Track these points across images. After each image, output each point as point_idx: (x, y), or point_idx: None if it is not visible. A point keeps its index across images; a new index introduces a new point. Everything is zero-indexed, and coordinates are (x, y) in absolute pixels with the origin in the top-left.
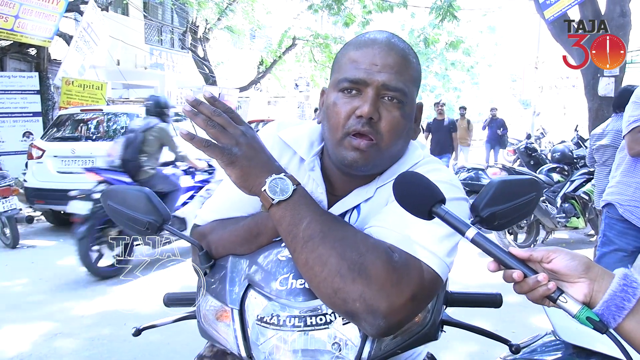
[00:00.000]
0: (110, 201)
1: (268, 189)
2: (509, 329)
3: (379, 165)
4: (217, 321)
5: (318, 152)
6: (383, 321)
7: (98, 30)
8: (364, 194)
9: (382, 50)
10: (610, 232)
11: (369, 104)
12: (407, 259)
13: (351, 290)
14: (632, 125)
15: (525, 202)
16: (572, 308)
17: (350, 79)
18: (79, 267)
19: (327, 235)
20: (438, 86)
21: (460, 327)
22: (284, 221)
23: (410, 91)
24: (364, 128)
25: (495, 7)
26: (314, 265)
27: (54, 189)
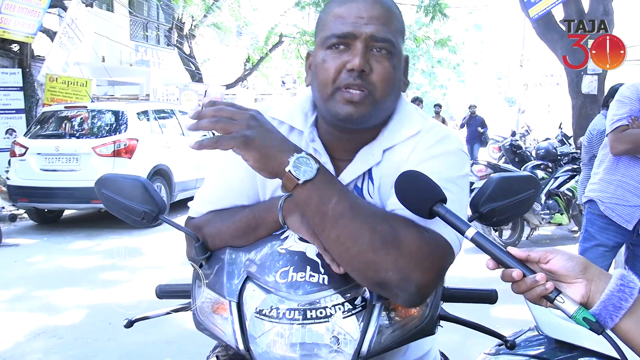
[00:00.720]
0: (105, 189)
1: (293, 169)
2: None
3: (374, 117)
4: (214, 314)
5: (314, 122)
6: (416, 291)
7: (82, 27)
8: (370, 158)
9: (366, 3)
10: (592, 228)
11: (359, 57)
12: (435, 235)
13: (385, 261)
14: (616, 124)
15: (524, 199)
16: (569, 308)
17: (337, 34)
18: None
19: (357, 211)
20: (424, 84)
21: (457, 322)
22: (311, 201)
23: (397, 42)
24: (356, 81)
25: (481, 5)
26: (345, 241)
27: (38, 186)
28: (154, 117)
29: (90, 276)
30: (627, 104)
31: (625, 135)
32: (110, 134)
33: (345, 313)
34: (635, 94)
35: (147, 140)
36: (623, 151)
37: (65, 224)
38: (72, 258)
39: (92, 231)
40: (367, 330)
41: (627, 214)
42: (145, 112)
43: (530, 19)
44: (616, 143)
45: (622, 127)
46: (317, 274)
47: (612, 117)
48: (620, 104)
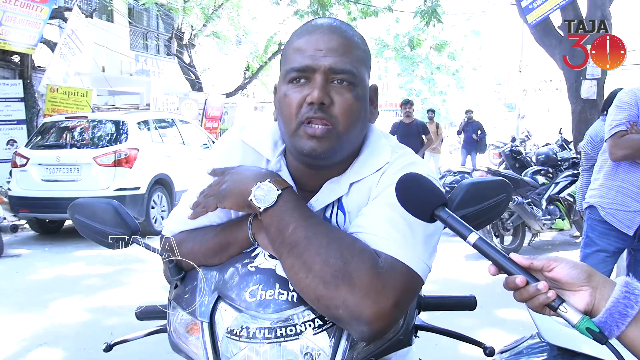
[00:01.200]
0: (77, 215)
1: (254, 198)
2: (492, 330)
3: (339, 151)
4: (188, 334)
5: (282, 151)
6: (367, 327)
7: (82, 37)
8: (336, 190)
9: (324, 35)
10: (593, 234)
11: (318, 89)
12: (393, 263)
13: (334, 297)
14: (614, 130)
15: (496, 203)
16: (573, 318)
17: (296, 68)
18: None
19: (311, 241)
20: (424, 90)
21: (434, 332)
22: (271, 227)
23: (359, 72)
24: (316, 114)
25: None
26: (298, 271)
27: (39, 197)
28: (154, 126)
29: (91, 286)
30: (626, 110)
31: (624, 141)
32: (110, 143)
33: (316, 329)
34: (634, 99)
35: (148, 150)
36: (622, 156)
37: (66, 234)
38: (73, 268)
39: None
40: (338, 345)
41: (627, 220)
42: (145, 121)
43: (529, 24)
44: (615, 148)
45: (621, 133)
46: (286, 291)
47: (610, 122)
48: (619, 110)
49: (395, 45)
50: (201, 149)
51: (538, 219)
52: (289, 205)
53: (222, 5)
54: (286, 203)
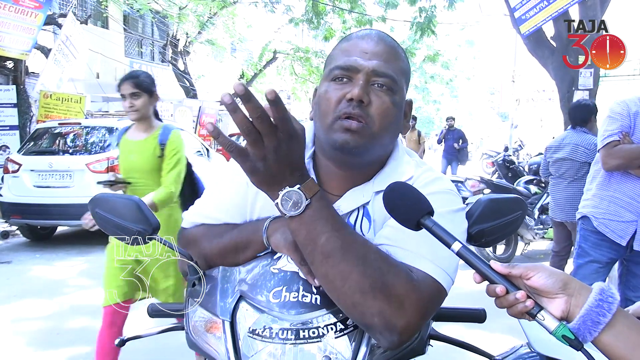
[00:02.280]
0: (98, 209)
1: (280, 203)
2: (489, 340)
3: (370, 150)
4: (207, 333)
5: (311, 154)
6: (398, 337)
7: (77, 43)
8: (360, 197)
9: (372, 40)
10: (586, 244)
11: (359, 87)
12: (424, 278)
13: (371, 306)
14: (607, 140)
15: (512, 220)
16: (550, 324)
17: (340, 66)
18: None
19: (347, 252)
20: (418, 99)
21: (446, 342)
22: (299, 235)
23: (399, 80)
24: (354, 110)
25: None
26: (334, 279)
27: (31, 203)
28: None
29: (83, 293)
30: (618, 120)
31: (617, 151)
32: (103, 150)
33: (337, 333)
34: (626, 109)
35: None
36: (615, 166)
37: (58, 241)
38: (65, 275)
39: (85, 248)
40: (358, 350)
41: (620, 230)
42: None
43: (521, 35)
44: (608, 158)
45: (614, 143)
46: (309, 294)
47: (603, 132)
48: (611, 120)
49: None
50: (195, 156)
51: (530, 228)
52: (319, 215)
53: (217, 13)
54: (316, 212)
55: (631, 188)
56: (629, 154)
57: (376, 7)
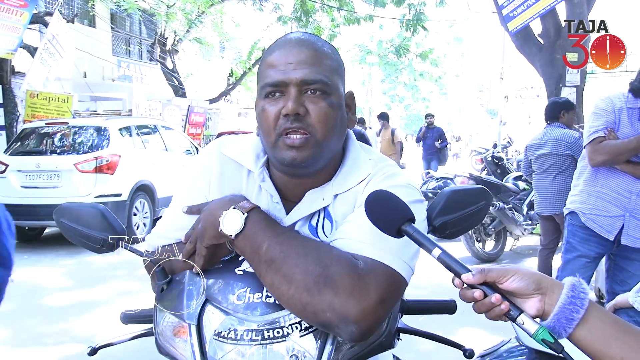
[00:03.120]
0: (63, 218)
1: (223, 227)
2: (473, 334)
3: (319, 159)
4: (175, 337)
5: (264, 163)
6: (355, 327)
7: (63, 42)
8: (319, 200)
9: (293, 48)
10: (574, 239)
11: (292, 101)
12: (372, 264)
13: (320, 302)
14: (593, 136)
15: (475, 211)
16: (530, 328)
17: (270, 83)
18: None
19: (288, 255)
20: (407, 96)
21: (416, 334)
22: (246, 250)
23: (332, 80)
24: (293, 124)
25: (462, 19)
26: (280, 285)
27: (18, 204)
28: (136, 132)
29: (71, 294)
30: (603, 116)
31: (603, 147)
32: (92, 150)
33: (303, 332)
34: (611, 105)
35: (130, 156)
36: (601, 162)
37: (46, 242)
38: (53, 276)
39: (73, 249)
40: (324, 347)
41: (607, 225)
42: (127, 127)
43: (509, 32)
44: (594, 154)
45: (599, 139)
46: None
47: (588, 129)
48: (596, 116)
49: (379, 51)
50: (184, 155)
51: (519, 224)
52: (258, 226)
53: (205, 12)
54: (255, 224)
55: (617, 183)
56: (614, 150)
57: (365, 5)
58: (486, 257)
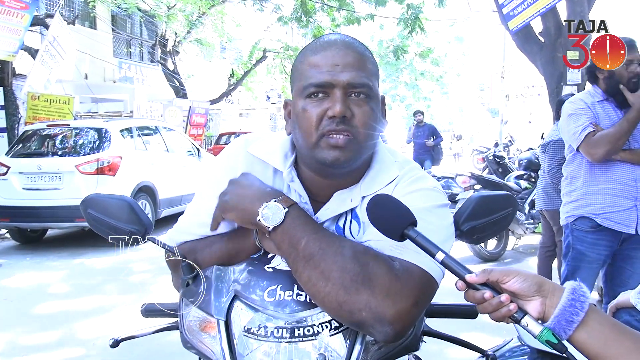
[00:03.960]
0: (90, 209)
1: (262, 218)
2: (480, 335)
3: (359, 160)
4: (202, 332)
5: (293, 162)
6: (390, 327)
7: (64, 44)
8: (347, 201)
9: (340, 50)
10: (582, 246)
11: (340, 103)
12: (407, 266)
13: (357, 301)
14: (584, 134)
15: (502, 217)
16: (534, 329)
17: (315, 84)
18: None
19: (326, 252)
20: (408, 96)
21: (440, 338)
22: (283, 245)
23: (374, 85)
24: (339, 127)
25: (462, 18)
26: (317, 281)
27: (20, 206)
28: (137, 134)
29: (74, 296)
30: (582, 114)
31: (600, 139)
32: (93, 151)
33: (332, 331)
34: (584, 103)
35: (131, 158)
36: (604, 153)
37: (48, 244)
38: (55, 277)
39: (75, 250)
40: (353, 347)
41: (624, 219)
42: (128, 129)
43: (510, 31)
44: (594, 149)
45: (591, 134)
46: (304, 292)
47: (574, 130)
48: (576, 117)
49: (380, 51)
50: (185, 156)
51: (521, 223)
52: (298, 222)
53: (206, 13)
54: (294, 219)
55: (621, 174)
56: (612, 137)
57: (365, 4)
58: (488, 257)
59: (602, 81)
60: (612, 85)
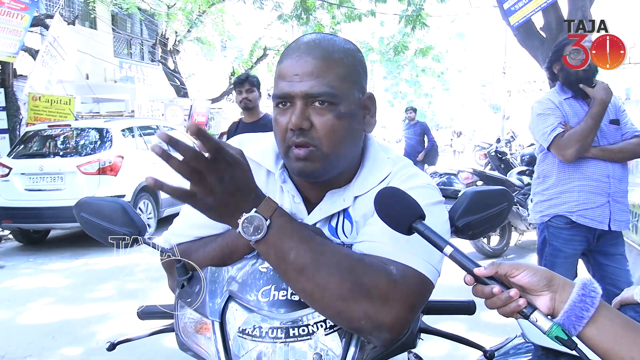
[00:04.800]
0: (83, 212)
1: (242, 231)
2: (483, 332)
3: (329, 169)
4: (197, 334)
5: (284, 164)
6: (388, 334)
7: (65, 45)
8: (340, 201)
9: (300, 58)
10: (557, 241)
11: (295, 116)
12: (404, 270)
13: (355, 311)
14: (553, 134)
15: (498, 212)
16: (544, 325)
17: (277, 95)
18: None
19: (319, 263)
20: (409, 92)
21: (437, 335)
22: (269, 256)
23: (340, 89)
24: (298, 139)
25: (463, 14)
26: (312, 292)
27: (22, 207)
28: (139, 133)
29: (76, 296)
30: (551, 114)
31: (569, 138)
32: (94, 151)
33: (328, 330)
34: (551, 103)
35: (133, 157)
36: (575, 152)
37: (51, 244)
38: (58, 278)
39: (78, 250)
40: (349, 346)
41: (598, 215)
42: (130, 128)
43: (511, 26)
44: (564, 150)
45: (560, 135)
46: None
47: (544, 130)
48: (544, 117)
49: (380, 48)
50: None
51: (524, 219)
52: (282, 232)
53: (206, 11)
54: (280, 230)
55: (594, 171)
56: (580, 136)
57: (365, 1)
58: (491, 253)
59: (560, 75)
60: (568, 78)
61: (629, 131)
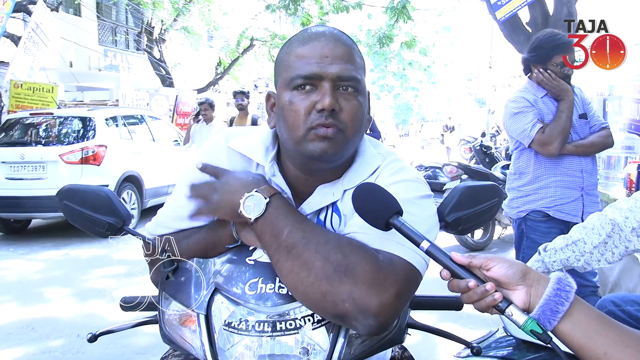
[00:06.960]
0: (67, 200)
1: (244, 210)
2: (465, 325)
3: (345, 154)
4: (182, 326)
5: (274, 157)
6: (374, 320)
7: (48, 31)
8: (329, 195)
9: (329, 42)
10: (535, 235)
11: (329, 96)
12: (391, 258)
13: (340, 292)
14: (534, 130)
15: (488, 208)
16: (519, 319)
17: (303, 75)
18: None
19: (310, 241)
20: (396, 86)
21: (424, 330)
22: (265, 235)
23: (362, 79)
24: (327, 120)
25: (450, 8)
26: (299, 271)
27: (3, 196)
28: (123, 122)
29: (57, 287)
30: (528, 112)
31: (550, 133)
32: (77, 140)
33: (315, 324)
34: (526, 101)
35: (116, 147)
36: (558, 145)
37: (32, 234)
38: (39, 269)
39: (60, 240)
40: (336, 341)
41: (572, 210)
42: (114, 117)
43: (497, 21)
44: (548, 145)
45: (541, 130)
46: (286, 286)
47: (523, 128)
48: (522, 115)
49: (368, 41)
50: (172, 145)
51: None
52: (280, 212)
53: (192, 0)
54: (277, 209)
55: (569, 166)
56: (560, 129)
57: None
58: (474, 246)
59: (536, 76)
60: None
61: (597, 123)
